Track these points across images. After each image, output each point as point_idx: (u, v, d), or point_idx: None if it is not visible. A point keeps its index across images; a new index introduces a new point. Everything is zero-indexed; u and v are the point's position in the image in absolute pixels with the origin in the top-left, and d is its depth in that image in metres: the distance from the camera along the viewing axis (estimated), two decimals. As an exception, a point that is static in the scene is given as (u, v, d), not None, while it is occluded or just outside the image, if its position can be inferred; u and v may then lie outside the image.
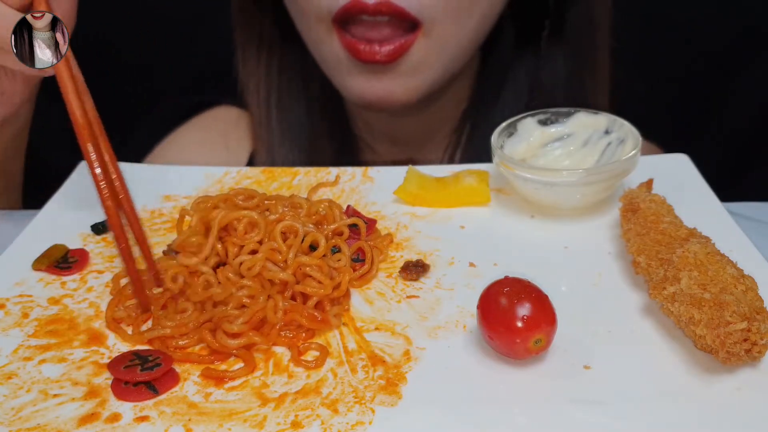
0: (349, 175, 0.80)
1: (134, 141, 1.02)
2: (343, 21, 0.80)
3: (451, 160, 0.98)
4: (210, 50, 1.04)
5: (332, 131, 1.00)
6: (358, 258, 0.65)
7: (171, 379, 0.53)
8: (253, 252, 0.61)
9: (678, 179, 0.74)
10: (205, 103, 1.06)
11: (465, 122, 0.99)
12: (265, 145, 0.97)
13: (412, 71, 0.83)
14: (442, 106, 0.97)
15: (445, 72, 0.86)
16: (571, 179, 0.68)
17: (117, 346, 0.57)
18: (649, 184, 0.70)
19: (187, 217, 0.66)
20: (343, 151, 1.00)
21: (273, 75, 0.96)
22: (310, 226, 0.63)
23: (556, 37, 0.95)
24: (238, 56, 0.96)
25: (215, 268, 0.62)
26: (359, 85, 0.84)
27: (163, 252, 0.67)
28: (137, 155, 0.97)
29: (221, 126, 1.04)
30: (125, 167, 0.81)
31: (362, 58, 0.80)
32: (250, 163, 1.00)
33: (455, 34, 0.83)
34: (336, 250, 0.64)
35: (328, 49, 0.84)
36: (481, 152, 0.88)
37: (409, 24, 0.80)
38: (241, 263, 0.60)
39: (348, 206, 0.72)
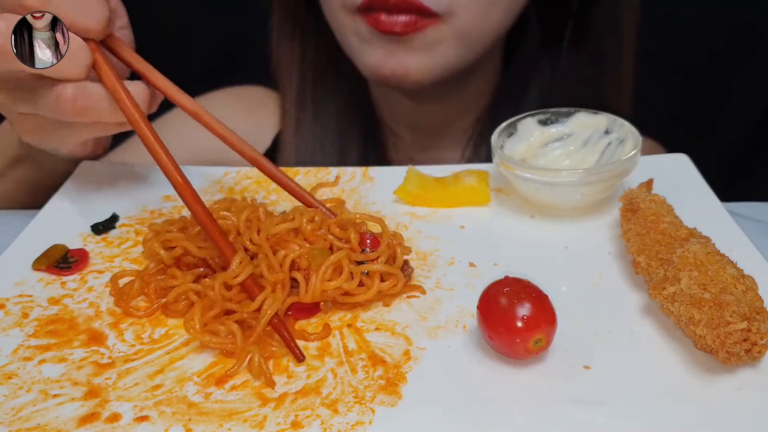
0: (349, 175, 0.80)
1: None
2: (366, 10, 0.84)
3: (473, 152, 1.00)
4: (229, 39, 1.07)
5: (360, 115, 1.03)
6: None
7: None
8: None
9: (678, 179, 0.74)
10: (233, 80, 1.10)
11: (487, 116, 1.01)
12: (294, 123, 1.01)
13: (427, 49, 0.85)
14: (463, 98, 1.00)
15: (461, 58, 0.88)
16: (571, 179, 0.68)
17: (117, 346, 0.57)
18: (649, 184, 0.70)
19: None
20: (369, 135, 1.04)
21: (308, 55, 1.00)
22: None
23: (579, 38, 0.97)
24: (273, 36, 1.00)
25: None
26: (376, 60, 0.87)
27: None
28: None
29: (251, 101, 1.08)
30: (126, 167, 0.82)
31: (382, 28, 0.83)
32: (275, 143, 1.04)
33: (476, 26, 0.86)
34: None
35: (350, 28, 0.87)
36: None
37: (429, 16, 0.83)
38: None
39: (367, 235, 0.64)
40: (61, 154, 0.76)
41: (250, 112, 1.07)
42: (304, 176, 0.79)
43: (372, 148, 1.03)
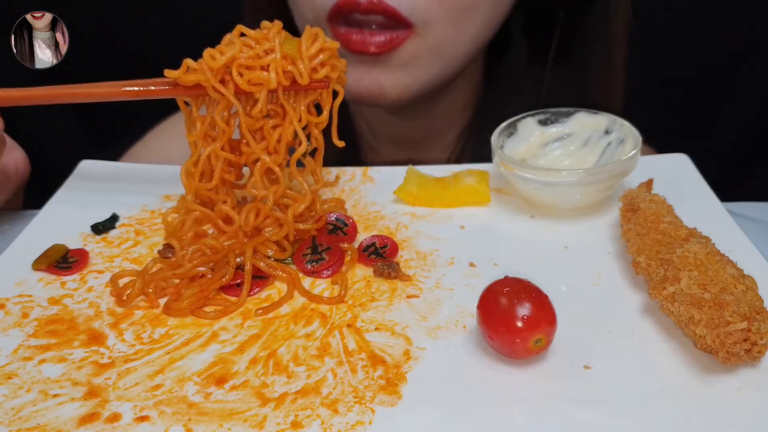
0: (349, 175, 0.80)
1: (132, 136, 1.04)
2: (336, 19, 0.80)
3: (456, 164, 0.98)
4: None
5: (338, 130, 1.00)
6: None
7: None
8: None
9: (678, 179, 0.74)
10: None
11: (469, 130, 0.98)
12: None
13: (403, 66, 0.81)
14: (445, 111, 0.97)
15: (440, 73, 0.85)
16: (571, 179, 0.68)
17: (117, 346, 0.57)
18: (649, 184, 0.70)
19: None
20: (346, 151, 1.00)
21: None
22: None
23: (566, 49, 0.94)
24: None
25: None
26: (350, 79, 0.81)
27: (158, 252, 0.67)
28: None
29: None
30: (126, 167, 0.82)
31: (354, 48, 0.79)
32: None
33: (453, 38, 0.82)
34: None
35: None
36: (485, 159, 0.87)
37: (402, 26, 0.79)
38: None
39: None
40: None
41: None
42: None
43: (348, 163, 1.01)
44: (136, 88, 0.67)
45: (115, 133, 1.05)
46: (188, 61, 0.65)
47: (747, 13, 1.24)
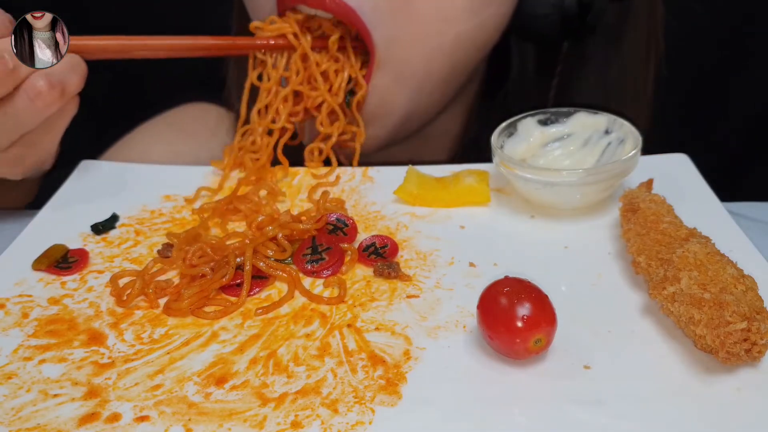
0: (349, 175, 0.80)
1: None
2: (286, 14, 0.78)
3: None
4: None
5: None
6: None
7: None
8: None
9: (678, 179, 0.74)
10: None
11: (463, 153, 0.95)
12: None
13: (370, 118, 0.80)
14: (429, 140, 0.94)
15: (413, 108, 0.82)
16: (571, 179, 0.68)
17: (117, 346, 0.57)
18: (649, 184, 0.70)
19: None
20: None
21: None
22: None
23: (570, 87, 0.90)
24: (229, 61, 0.97)
25: None
26: (307, 133, 0.82)
27: (158, 252, 0.67)
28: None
29: (189, 120, 1.02)
30: (126, 167, 0.82)
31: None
32: None
33: (421, 66, 0.79)
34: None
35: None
36: (485, 159, 0.86)
37: (363, 51, 0.78)
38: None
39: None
40: (43, 171, 0.77)
41: (189, 131, 1.00)
42: (304, 176, 0.79)
43: None
44: (219, 42, 0.76)
45: (115, 133, 1.04)
46: (272, 17, 0.78)
47: (746, 12, 1.24)
